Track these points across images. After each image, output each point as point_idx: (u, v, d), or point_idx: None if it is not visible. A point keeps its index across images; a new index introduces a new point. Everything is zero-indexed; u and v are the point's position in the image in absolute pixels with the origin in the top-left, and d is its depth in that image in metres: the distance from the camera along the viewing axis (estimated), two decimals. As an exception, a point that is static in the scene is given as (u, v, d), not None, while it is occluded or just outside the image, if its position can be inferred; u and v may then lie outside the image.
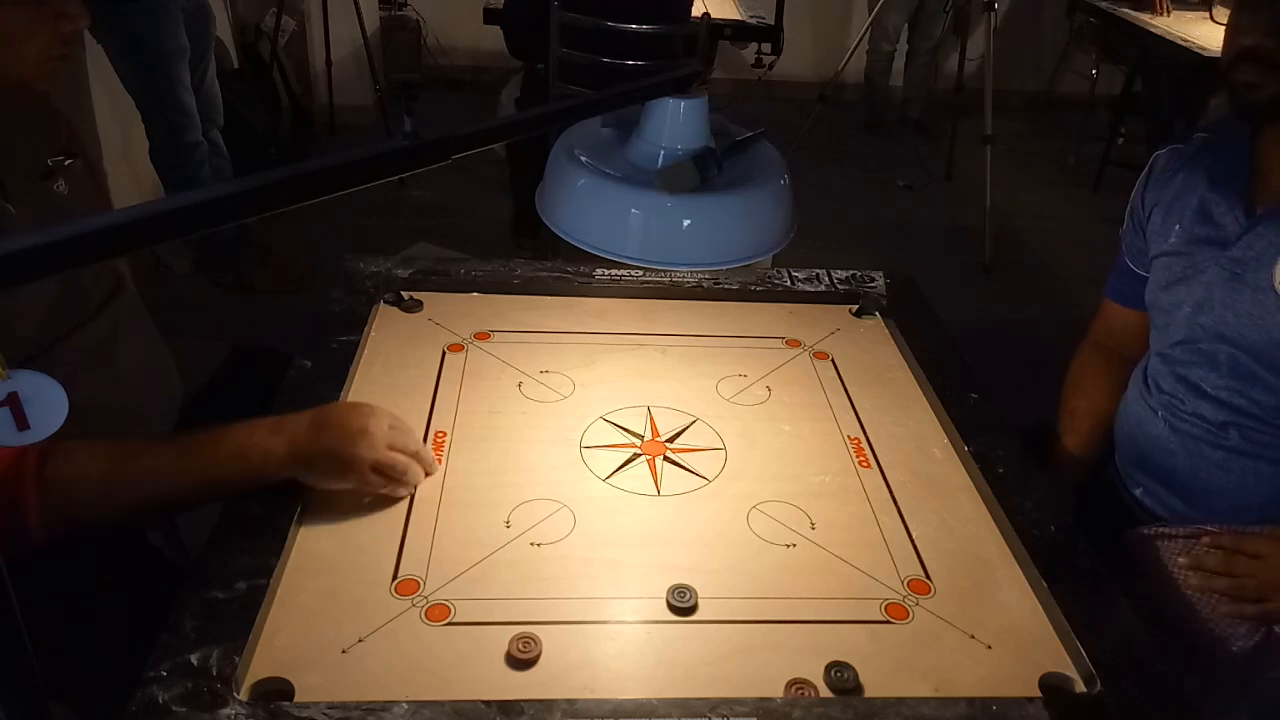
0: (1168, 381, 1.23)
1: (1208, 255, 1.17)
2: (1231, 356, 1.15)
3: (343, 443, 0.94)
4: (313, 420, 0.96)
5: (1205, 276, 1.17)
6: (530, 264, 1.46)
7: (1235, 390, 1.15)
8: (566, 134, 1.00)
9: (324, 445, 0.95)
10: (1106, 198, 4.15)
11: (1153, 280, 1.27)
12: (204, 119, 2.69)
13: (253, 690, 0.78)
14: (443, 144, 0.69)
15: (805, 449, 1.14)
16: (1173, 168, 1.26)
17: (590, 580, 0.92)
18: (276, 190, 0.61)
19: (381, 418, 0.98)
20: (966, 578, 0.96)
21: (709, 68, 3.69)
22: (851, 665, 0.83)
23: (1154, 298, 1.27)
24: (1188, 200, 1.21)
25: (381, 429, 0.97)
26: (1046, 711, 0.80)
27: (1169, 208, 1.24)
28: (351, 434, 0.95)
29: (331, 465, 0.95)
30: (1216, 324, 1.16)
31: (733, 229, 0.94)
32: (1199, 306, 1.18)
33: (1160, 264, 1.25)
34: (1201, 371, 1.18)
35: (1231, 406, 1.15)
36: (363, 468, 0.95)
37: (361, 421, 0.96)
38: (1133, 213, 1.33)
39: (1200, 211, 1.19)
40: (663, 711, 0.78)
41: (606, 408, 1.18)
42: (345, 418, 0.97)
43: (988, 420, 1.18)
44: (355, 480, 0.95)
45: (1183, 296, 1.20)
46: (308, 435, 0.95)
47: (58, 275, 0.55)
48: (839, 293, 1.46)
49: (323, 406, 1.01)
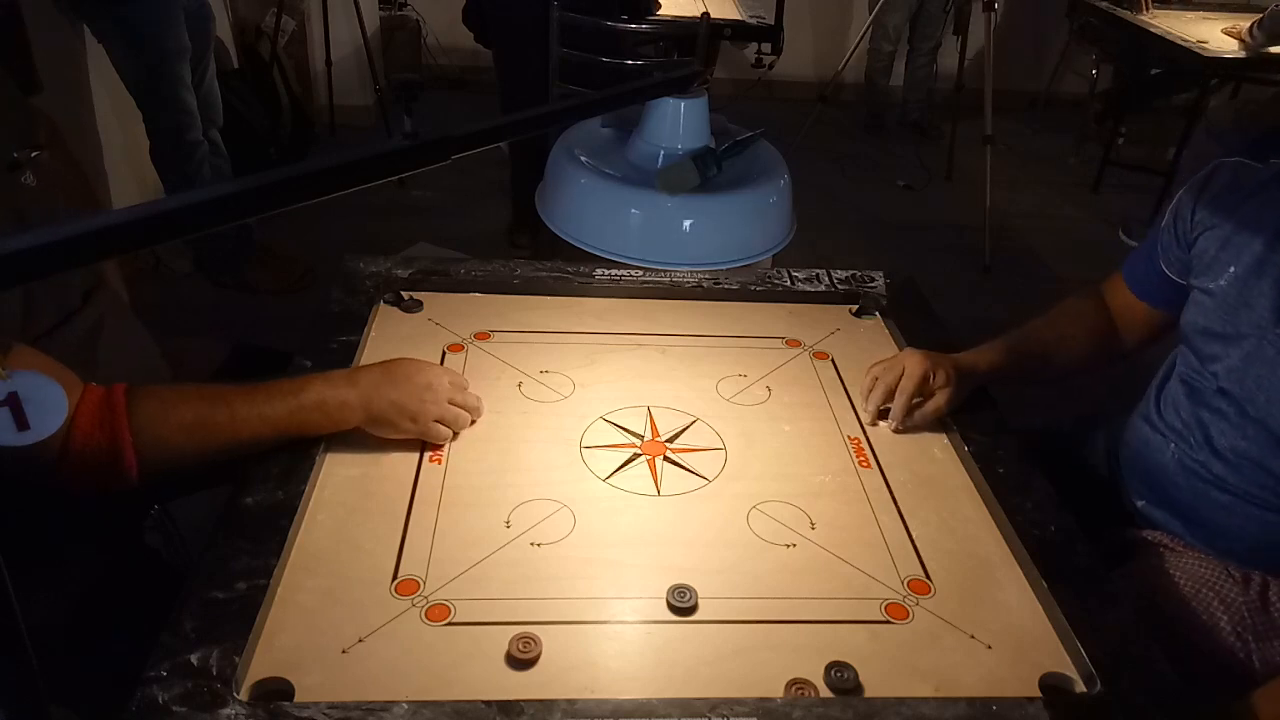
0: (1183, 414, 1.17)
1: (1255, 322, 1.07)
2: (1259, 424, 1.08)
3: (410, 397, 1.03)
4: (384, 374, 1.05)
5: (1247, 344, 1.07)
6: (530, 264, 1.46)
7: (1252, 456, 1.09)
8: (566, 134, 1.00)
9: (394, 398, 1.03)
10: (1106, 198, 4.15)
11: (1190, 311, 1.16)
12: (204, 119, 2.69)
13: (253, 690, 0.78)
14: (443, 144, 0.69)
15: (805, 449, 1.14)
16: (1239, 190, 1.11)
17: (590, 580, 0.92)
18: (276, 190, 0.62)
19: (443, 374, 1.09)
20: (966, 578, 0.96)
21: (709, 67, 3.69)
22: (851, 665, 0.83)
23: (1188, 326, 1.16)
24: (1249, 243, 1.07)
25: (444, 384, 1.07)
26: (1046, 712, 0.80)
27: (1225, 241, 1.11)
28: (418, 388, 1.04)
29: (400, 417, 1.03)
30: (1247, 396, 1.08)
31: (733, 229, 0.94)
32: (1233, 373, 1.09)
33: (1201, 301, 1.13)
34: (1222, 425, 1.11)
35: (1245, 467, 1.10)
36: (426, 420, 1.04)
37: (427, 377, 1.06)
38: (1177, 217, 1.19)
39: (1259, 265, 1.06)
40: (663, 711, 0.78)
41: (606, 408, 1.18)
42: (413, 374, 1.06)
43: (988, 420, 1.18)
44: (418, 431, 1.04)
45: (1217, 352, 1.11)
46: (380, 389, 1.03)
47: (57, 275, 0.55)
48: (839, 293, 1.46)
49: (390, 361, 1.08)
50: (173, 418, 0.97)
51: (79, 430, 0.91)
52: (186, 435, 0.97)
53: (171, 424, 0.96)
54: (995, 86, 3.52)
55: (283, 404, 1.00)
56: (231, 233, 2.79)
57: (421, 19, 4.69)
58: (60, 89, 2.49)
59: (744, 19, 3.22)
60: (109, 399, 0.94)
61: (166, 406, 0.97)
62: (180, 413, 0.97)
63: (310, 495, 0.99)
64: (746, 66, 4.09)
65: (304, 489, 0.98)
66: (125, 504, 1.22)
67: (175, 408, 0.97)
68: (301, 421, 1.01)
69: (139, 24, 2.40)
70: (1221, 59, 3.37)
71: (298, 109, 3.81)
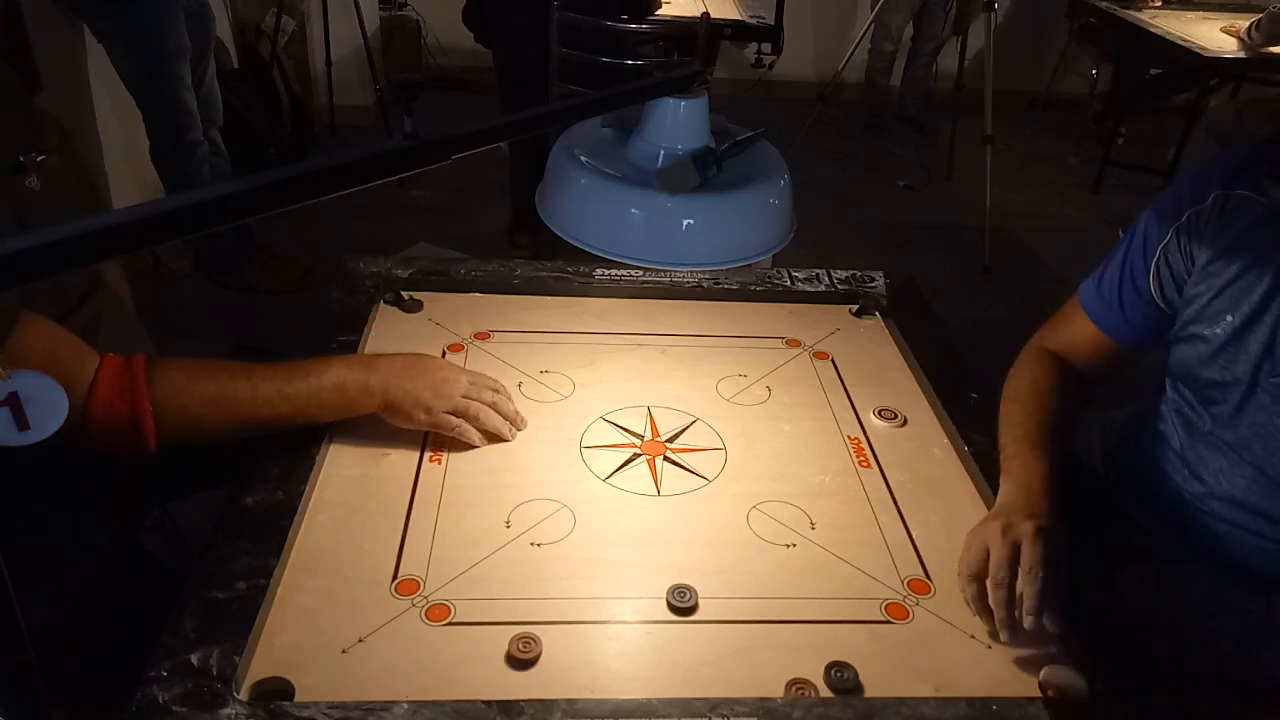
0: (1179, 446, 1.14)
1: (1250, 369, 1.02)
2: (1256, 469, 1.05)
3: (425, 388, 1.05)
4: (403, 363, 1.07)
5: (1241, 390, 1.03)
6: (530, 264, 1.46)
7: (1250, 501, 1.07)
8: (566, 134, 1.00)
9: (410, 387, 1.05)
10: (1106, 198, 4.15)
11: (1183, 351, 1.10)
12: (204, 119, 2.69)
13: (253, 690, 0.78)
14: (443, 144, 0.69)
15: (805, 449, 1.14)
16: (1233, 227, 1.02)
17: (590, 580, 0.92)
18: (276, 190, 0.62)
19: (463, 373, 1.11)
20: (966, 578, 0.95)
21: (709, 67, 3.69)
22: (851, 665, 0.83)
23: (1178, 367, 1.11)
24: (1247, 293, 1.01)
25: (461, 380, 1.09)
26: (1046, 712, 0.80)
27: (1221, 290, 1.03)
28: (435, 380, 1.06)
29: (414, 406, 1.05)
30: (1243, 443, 1.06)
31: (733, 229, 0.94)
32: (1228, 419, 1.06)
33: (1194, 345, 1.07)
34: (1219, 463, 1.09)
35: (1243, 506, 1.08)
36: (439, 411, 1.06)
37: (445, 372, 1.09)
38: (1178, 244, 1.07)
39: (1256, 313, 1.00)
40: (663, 711, 0.78)
41: (606, 408, 1.18)
42: (432, 367, 1.09)
43: (988, 420, 1.18)
44: (430, 422, 1.06)
45: (1213, 396, 1.07)
46: (399, 377, 1.05)
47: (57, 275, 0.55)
48: (839, 293, 1.46)
49: (411, 354, 1.11)
50: (194, 389, 0.97)
51: (98, 398, 0.91)
52: (207, 407, 0.97)
53: (193, 395, 0.97)
54: (995, 86, 3.52)
55: (304, 383, 1.01)
56: (231, 233, 2.79)
57: (421, 19, 4.69)
58: (60, 89, 2.49)
59: (744, 19, 3.22)
60: (129, 368, 0.94)
61: (189, 378, 0.97)
62: (202, 385, 0.98)
63: (310, 495, 0.99)
64: (746, 66, 4.09)
65: (304, 489, 0.98)
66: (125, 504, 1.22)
67: (197, 380, 0.98)
68: (320, 402, 1.02)
69: (139, 24, 2.40)
70: (1221, 59, 3.38)
71: (298, 109, 3.81)
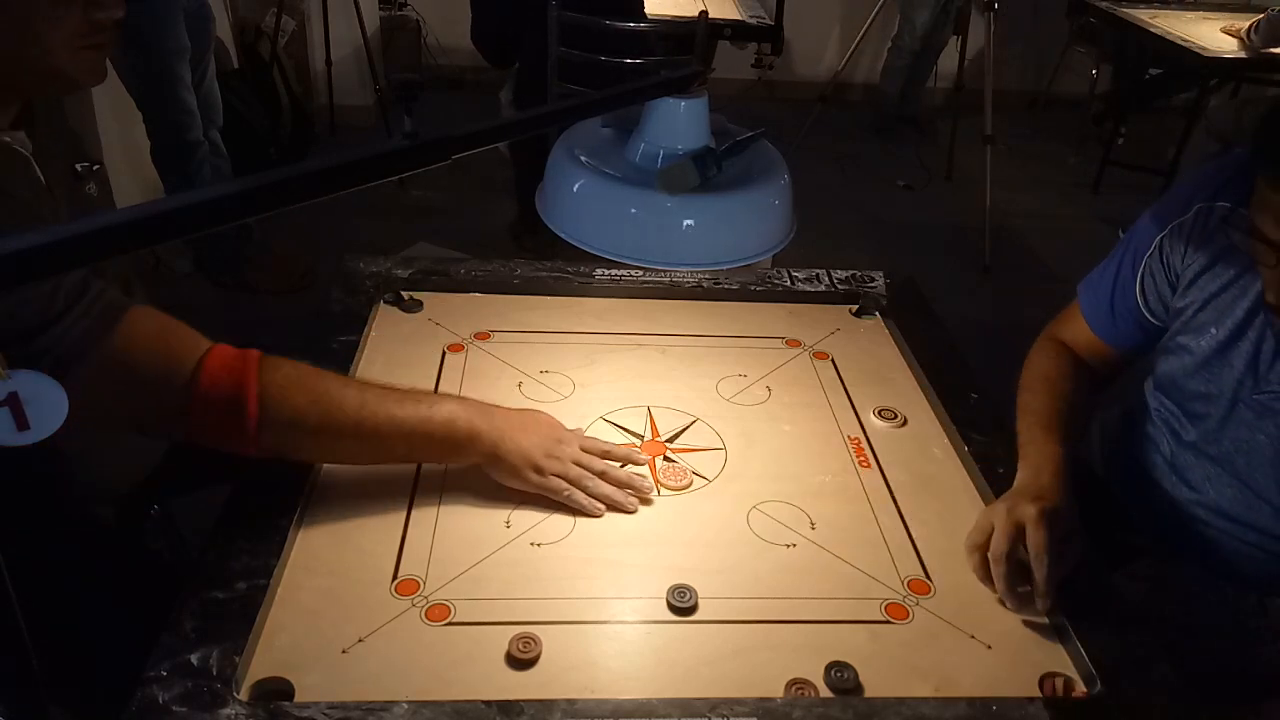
0: (1168, 453, 1.17)
1: (1233, 383, 1.04)
2: (1241, 483, 1.08)
3: (537, 448, 1.01)
4: (519, 420, 1.03)
5: (1224, 403, 1.06)
6: (530, 264, 1.46)
7: (1237, 512, 1.09)
8: (566, 134, 1.00)
9: (524, 445, 1.00)
10: (1106, 198, 4.15)
11: (1169, 362, 1.12)
12: (204, 119, 2.69)
13: (253, 690, 0.78)
14: (443, 144, 0.69)
15: (805, 449, 1.14)
16: (1221, 240, 1.03)
17: (590, 580, 0.92)
18: (276, 190, 0.62)
19: (573, 435, 1.07)
20: (967, 578, 0.95)
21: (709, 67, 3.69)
22: (851, 665, 0.83)
23: (1164, 377, 1.13)
24: (1231, 307, 1.03)
25: (574, 445, 1.04)
26: (1046, 712, 0.80)
27: (1206, 303, 1.05)
28: (549, 441, 1.02)
29: (524, 464, 1.00)
30: (1225, 457, 1.08)
31: (733, 229, 0.93)
32: (1212, 433, 1.09)
33: (1180, 356, 1.10)
34: (1206, 472, 1.11)
35: (1232, 516, 1.10)
36: (548, 473, 1.00)
37: (559, 433, 1.06)
38: (1161, 256, 1.09)
39: (1240, 328, 1.02)
40: (663, 711, 0.78)
41: (606, 408, 1.18)
42: (546, 427, 1.05)
43: (987, 420, 1.18)
44: (538, 484, 1.00)
45: (1197, 409, 1.10)
46: (513, 432, 1.01)
47: (57, 275, 0.55)
48: (839, 293, 1.46)
49: (528, 411, 1.07)
50: (304, 383, 0.94)
51: (206, 373, 0.89)
52: (312, 404, 0.93)
53: (301, 389, 0.94)
54: (995, 86, 3.52)
55: (414, 409, 0.97)
56: (231, 233, 2.79)
57: (421, 19, 4.69)
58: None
59: (744, 19, 3.22)
60: (243, 354, 0.93)
61: (300, 373, 0.95)
62: (312, 382, 0.95)
63: (310, 495, 0.99)
64: (746, 66, 4.09)
65: (304, 489, 0.98)
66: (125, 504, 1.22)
67: (308, 376, 0.95)
68: (428, 434, 0.97)
69: (139, 24, 2.40)
70: (1221, 59, 3.37)
71: (298, 109, 3.81)
